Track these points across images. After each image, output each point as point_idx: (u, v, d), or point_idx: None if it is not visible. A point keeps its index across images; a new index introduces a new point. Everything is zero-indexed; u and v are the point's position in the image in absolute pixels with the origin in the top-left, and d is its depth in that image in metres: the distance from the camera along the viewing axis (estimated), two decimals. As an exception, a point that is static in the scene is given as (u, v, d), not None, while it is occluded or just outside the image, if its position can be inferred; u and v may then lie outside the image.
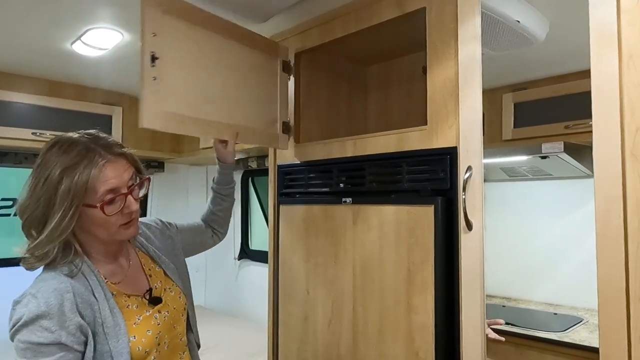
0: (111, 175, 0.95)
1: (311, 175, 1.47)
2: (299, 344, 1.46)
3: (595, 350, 1.63)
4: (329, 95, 1.63)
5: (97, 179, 0.93)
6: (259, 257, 3.02)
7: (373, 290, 1.24)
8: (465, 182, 1.06)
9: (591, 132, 1.82)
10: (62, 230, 0.92)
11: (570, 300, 2.18)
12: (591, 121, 1.81)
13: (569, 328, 1.85)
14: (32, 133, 2.28)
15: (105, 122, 2.52)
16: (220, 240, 1.42)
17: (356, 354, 1.28)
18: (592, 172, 2.13)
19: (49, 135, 2.25)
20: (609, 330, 0.81)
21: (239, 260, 3.22)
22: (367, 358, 1.25)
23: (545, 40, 1.53)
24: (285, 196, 1.56)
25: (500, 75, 2.01)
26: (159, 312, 1.04)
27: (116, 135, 2.54)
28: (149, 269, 1.12)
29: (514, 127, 2.09)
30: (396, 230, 1.20)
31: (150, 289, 1.07)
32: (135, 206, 1.00)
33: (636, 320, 0.75)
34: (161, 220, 1.26)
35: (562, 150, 1.84)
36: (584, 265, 2.11)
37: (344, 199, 1.34)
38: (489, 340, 1.13)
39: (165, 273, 1.14)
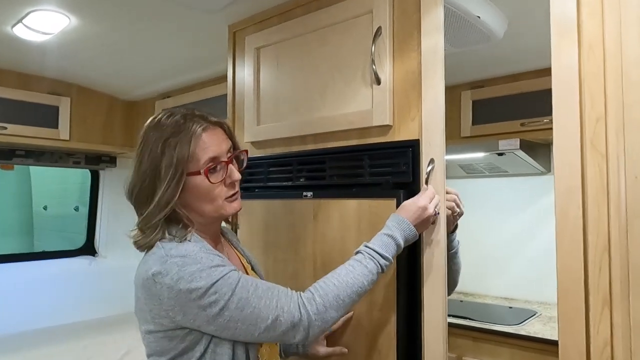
0: (210, 142, 0.95)
1: (271, 169, 1.43)
2: (257, 343, 1.41)
3: (548, 342, 1.68)
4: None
5: (197, 146, 0.93)
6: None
7: (334, 286, 1.21)
8: (428, 175, 1.05)
9: (545, 129, 1.88)
10: (168, 198, 0.91)
11: (524, 294, 2.24)
12: (546, 119, 1.86)
13: (524, 321, 1.89)
14: (-31, 123, 2.11)
15: (51, 114, 2.36)
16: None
17: (316, 352, 1.25)
18: (546, 169, 2.19)
19: (-12, 126, 2.09)
20: (567, 321, 0.81)
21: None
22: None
23: (502, 38, 1.55)
24: (244, 190, 1.50)
25: (459, 72, 2.03)
26: None
27: (63, 127, 2.40)
28: (245, 264, 1.13)
29: (472, 124, 2.12)
30: (358, 224, 1.18)
31: None
32: (238, 175, 0.99)
33: (595, 310, 0.76)
34: None
35: (518, 147, 1.88)
36: (537, 260, 2.17)
37: (304, 193, 1.30)
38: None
39: (254, 271, 1.15)
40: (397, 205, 1.10)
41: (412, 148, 1.11)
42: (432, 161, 1.05)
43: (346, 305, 0.94)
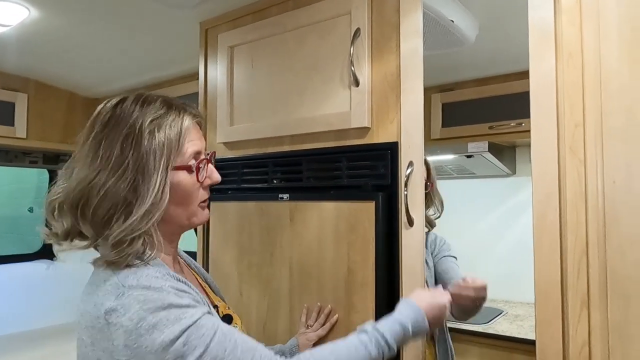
0: (196, 135, 0.81)
1: (245, 170, 1.40)
2: (231, 348, 1.37)
3: (516, 340, 1.72)
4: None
5: (185, 136, 0.78)
6: (185, 257, 2.86)
7: (311, 290, 1.20)
8: (407, 177, 1.05)
9: (513, 132, 1.92)
10: (161, 201, 0.73)
11: (491, 294, 2.29)
12: (513, 122, 1.90)
13: (492, 320, 1.93)
14: None
15: (6, 111, 2.23)
16: None
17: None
18: (511, 171, 2.24)
19: None
20: (545, 323, 0.83)
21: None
22: (304, 360, 1.21)
23: (473, 42, 1.58)
24: (217, 192, 1.47)
25: (429, 75, 2.05)
26: None
27: (19, 125, 2.27)
28: (202, 284, 0.96)
29: (442, 126, 2.15)
30: (335, 227, 1.17)
31: (216, 306, 0.91)
32: (218, 176, 0.85)
33: (573, 312, 0.77)
34: None
35: (487, 149, 1.93)
36: (503, 260, 2.22)
37: (280, 195, 1.28)
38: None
39: (212, 290, 0.99)
40: (376, 208, 1.10)
41: (390, 150, 1.11)
42: (411, 164, 1.05)
43: None
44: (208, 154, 0.85)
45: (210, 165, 0.84)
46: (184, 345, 0.66)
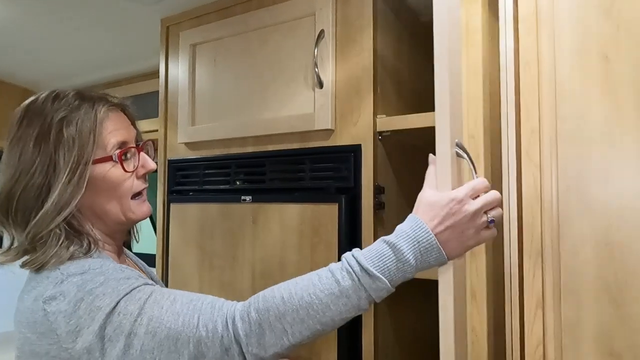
0: (118, 125, 0.78)
1: (207, 171, 1.37)
2: (191, 354, 1.34)
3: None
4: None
5: (103, 128, 0.75)
6: (144, 260, 2.78)
7: (274, 293, 1.19)
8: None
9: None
10: (71, 195, 0.71)
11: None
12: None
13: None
14: None
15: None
16: None
17: (255, 361, 1.21)
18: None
19: None
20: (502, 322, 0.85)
21: (119, 264, 2.93)
22: (266, 364, 1.19)
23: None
24: (177, 194, 1.43)
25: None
26: None
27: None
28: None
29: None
30: (299, 230, 1.16)
31: None
32: (152, 164, 0.82)
33: (529, 312, 0.80)
34: None
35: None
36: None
37: (243, 197, 1.26)
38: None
39: None
40: (339, 210, 1.10)
41: (354, 153, 1.12)
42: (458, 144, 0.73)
43: (296, 333, 0.65)
44: (140, 143, 0.82)
45: (142, 154, 0.82)
46: (119, 315, 0.65)
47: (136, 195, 0.80)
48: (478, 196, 0.68)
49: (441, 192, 0.68)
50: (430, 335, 1.37)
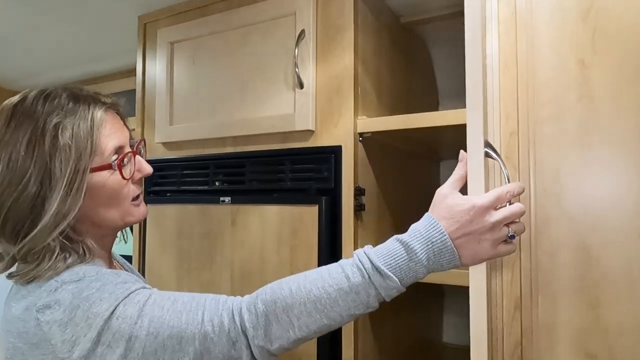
0: (114, 128, 0.73)
1: (185, 172, 1.35)
2: (168, 357, 1.32)
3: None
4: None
5: (100, 132, 0.70)
6: (119, 261, 2.73)
7: (253, 295, 1.17)
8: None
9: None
10: (68, 208, 0.66)
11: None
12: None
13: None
14: None
15: None
16: None
17: (233, 365, 1.20)
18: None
19: None
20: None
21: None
22: (245, 368, 1.18)
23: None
24: (154, 194, 1.41)
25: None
26: None
27: None
28: None
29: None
30: (278, 231, 1.15)
31: None
32: (149, 167, 0.79)
33: (507, 314, 0.80)
34: None
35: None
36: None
37: (221, 198, 1.24)
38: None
39: None
40: (319, 212, 1.09)
41: (334, 154, 1.11)
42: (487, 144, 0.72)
43: (302, 327, 0.64)
44: (133, 145, 0.79)
45: (137, 157, 0.78)
46: (117, 319, 0.62)
47: (134, 198, 0.78)
48: (503, 206, 0.66)
49: (461, 196, 0.66)
50: (412, 346, 1.38)
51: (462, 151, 0.70)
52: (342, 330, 1.07)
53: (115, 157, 0.73)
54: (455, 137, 1.14)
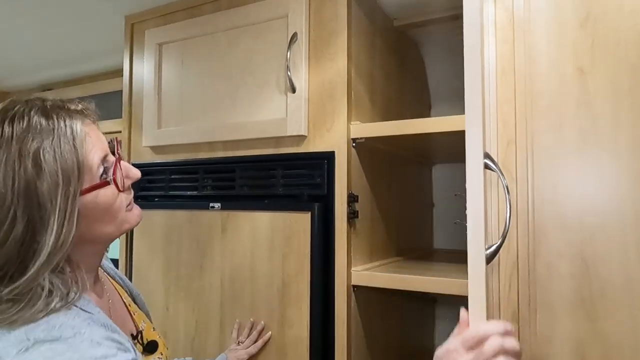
0: (94, 139, 0.66)
1: (173, 176, 1.31)
2: (156, 367, 1.28)
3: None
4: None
5: (84, 149, 0.63)
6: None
7: (243, 304, 1.15)
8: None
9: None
10: (63, 240, 0.59)
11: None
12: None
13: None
14: None
15: None
16: None
17: (224, 375, 1.17)
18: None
19: None
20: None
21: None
22: (235, 378, 1.15)
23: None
24: (142, 200, 1.37)
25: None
26: None
27: None
28: (127, 301, 0.83)
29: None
30: (270, 238, 1.12)
31: (140, 332, 0.79)
32: (136, 171, 0.73)
33: (504, 325, 0.79)
34: None
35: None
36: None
37: (211, 204, 1.21)
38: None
39: (137, 304, 0.87)
40: (312, 219, 1.06)
41: (327, 160, 1.09)
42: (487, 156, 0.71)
43: None
44: (112, 149, 0.71)
45: (123, 162, 0.71)
46: None
47: (127, 207, 0.73)
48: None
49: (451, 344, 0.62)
50: (405, 353, 1.37)
51: (462, 310, 0.65)
52: (335, 338, 1.05)
53: (102, 169, 0.67)
54: (449, 142, 1.13)
